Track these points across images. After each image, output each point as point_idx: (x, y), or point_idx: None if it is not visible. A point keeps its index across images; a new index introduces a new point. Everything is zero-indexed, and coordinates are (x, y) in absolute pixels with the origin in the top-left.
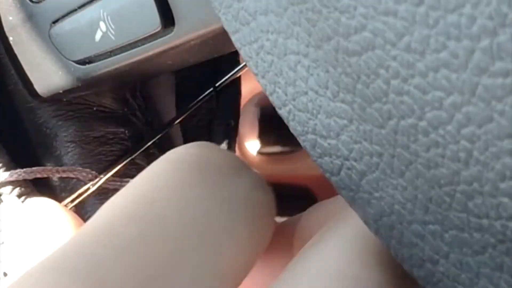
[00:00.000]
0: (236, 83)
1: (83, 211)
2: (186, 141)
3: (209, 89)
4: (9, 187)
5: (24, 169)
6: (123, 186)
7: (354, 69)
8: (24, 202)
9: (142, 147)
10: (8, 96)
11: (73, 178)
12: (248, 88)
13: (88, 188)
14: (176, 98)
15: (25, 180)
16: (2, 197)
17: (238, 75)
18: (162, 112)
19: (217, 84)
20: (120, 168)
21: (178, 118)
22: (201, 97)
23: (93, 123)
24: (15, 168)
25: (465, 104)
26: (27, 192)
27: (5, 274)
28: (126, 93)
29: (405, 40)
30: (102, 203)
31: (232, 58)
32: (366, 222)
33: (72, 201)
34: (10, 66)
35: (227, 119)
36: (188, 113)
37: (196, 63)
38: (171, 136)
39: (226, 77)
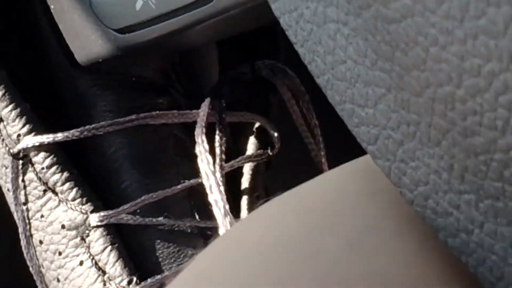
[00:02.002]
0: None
1: None
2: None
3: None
4: (42, 154)
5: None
6: None
7: (393, 37)
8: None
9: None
10: (48, 65)
11: None
12: None
13: None
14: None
15: (56, 149)
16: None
17: None
18: (204, 84)
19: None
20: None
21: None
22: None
23: (132, 94)
24: (42, 134)
25: (504, 71)
26: (59, 162)
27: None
28: (165, 64)
29: (444, 7)
30: None
31: (272, 35)
32: (401, 192)
33: None
34: (51, 35)
35: (267, 94)
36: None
37: (235, 34)
38: None
39: None
